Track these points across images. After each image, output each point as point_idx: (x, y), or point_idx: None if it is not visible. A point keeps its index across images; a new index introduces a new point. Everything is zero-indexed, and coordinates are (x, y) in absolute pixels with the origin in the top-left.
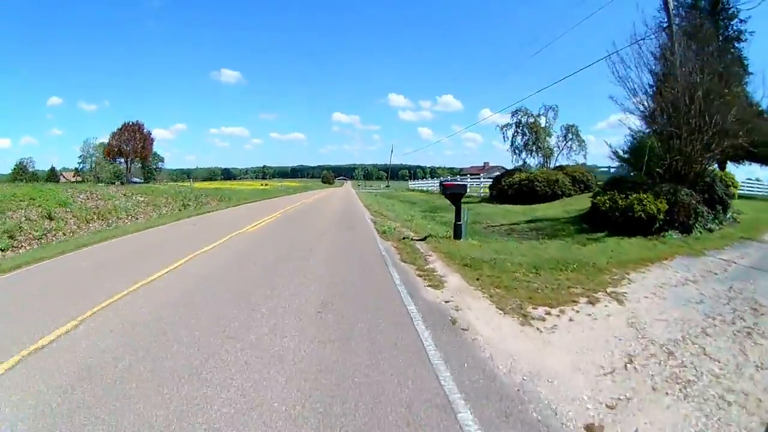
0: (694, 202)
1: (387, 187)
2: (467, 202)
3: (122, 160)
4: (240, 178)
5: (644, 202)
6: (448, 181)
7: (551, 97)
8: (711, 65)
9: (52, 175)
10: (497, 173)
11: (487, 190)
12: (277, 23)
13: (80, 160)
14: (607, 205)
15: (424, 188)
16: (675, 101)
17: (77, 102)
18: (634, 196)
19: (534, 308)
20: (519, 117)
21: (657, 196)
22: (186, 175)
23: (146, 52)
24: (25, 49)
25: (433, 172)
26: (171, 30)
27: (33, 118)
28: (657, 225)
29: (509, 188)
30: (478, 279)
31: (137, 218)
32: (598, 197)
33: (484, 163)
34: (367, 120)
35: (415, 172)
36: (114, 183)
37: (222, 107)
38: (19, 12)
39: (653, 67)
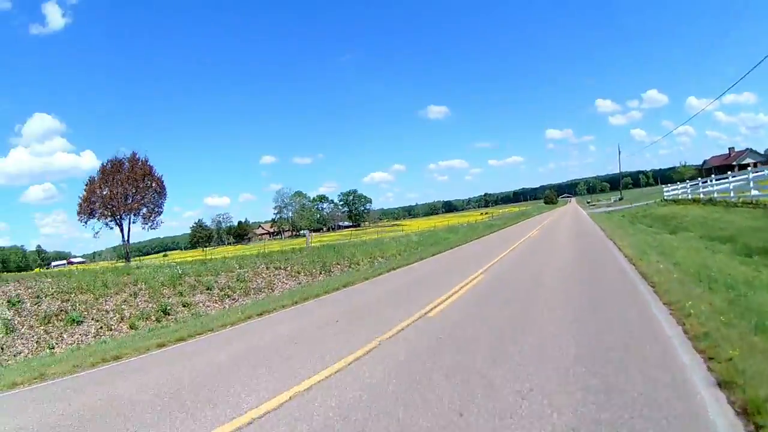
0: None
1: (620, 199)
2: None
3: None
4: (462, 210)
5: None
6: None
7: None
8: None
9: (240, 231)
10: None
11: None
12: (476, 52)
13: (276, 211)
14: None
15: (708, 193)
16: None
17: (291, 157)
18: None
19: None
20: None
21: None
22: (407, 212)
23: (352, 103)
24: (237, 115)
25: (662, 176)
26: (371, 82)
27: (250, 176)
28: None
29: None
30: None
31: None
32: None
33: (730, 149)
34: (579, 132)
35: (638, 179)
36: (320, 230)
37: (435, 142)
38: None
39: None
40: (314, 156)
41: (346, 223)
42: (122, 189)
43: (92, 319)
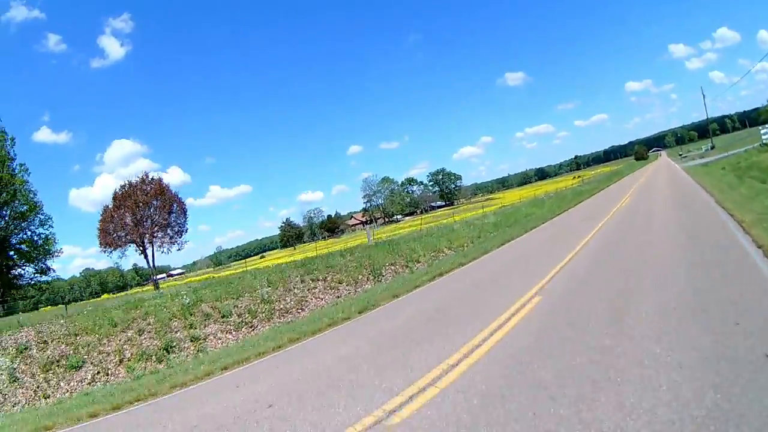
0: None
1: (712, 148)
2: None
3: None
4: (554, 175)
5: None
6: None
7: None
8: None
9: (331, 225)
10: None
11: None
12: (545, 14)
13: (365, 200)
14: None
15: None
16: None
17: (377, 144)
18: None
19: None
20: None
21: None
22: (501, 184)
23: (428, 83)
24: (321, 112)
25: (748, 118)
26: (441, 59)
27: (340, 167)
28: None
29: None
30: None
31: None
32: None
33: None
34: (659, 81)
35: (724, 124)
36: (413, 213)
37: (518, 110)
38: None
39: None
40: (400, 140)
41: (440, 203)
42: (138, 212)
43: (91, 363)
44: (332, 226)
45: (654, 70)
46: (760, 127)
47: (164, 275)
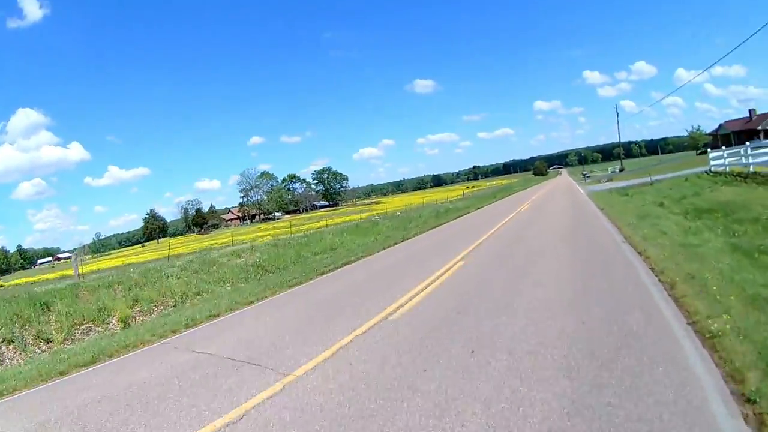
0: None
1: (621, 170)
2: None
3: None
4: (451, 183)
5: None
6: None
7: None
8: None
9: (199, 219)
10: None
11: None
12: (462, 25)
13: (242, 195)
14: None
15: None
16: None
17: (279, 137)
18: None
19: None
20: None
21: None
22: (396, 187)
23: (338, 81)
24: (224, 99)
25: (653, 146)
26: (358, 57)
27: (239, 158)
28: None
29: None
30: None
31: None
32: None
33: (750, 111)
34: (568, 103)
35: (630, 149)
36: (294, 212)
37: (424, 116)
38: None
39: None
40: (302, 134)
41: (323, 203)
42: None
43: None
44: (201, 221)
45: (565, 92)
46: (711, 152)
47: (50, 258)
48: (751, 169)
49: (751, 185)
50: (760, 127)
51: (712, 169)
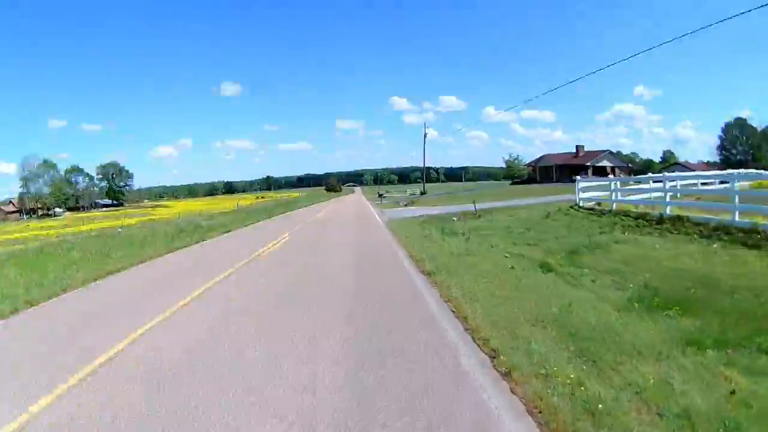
0: None
1: (423, 194)
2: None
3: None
4: (243, 191)
5: None
6: None
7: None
8: None
9: None
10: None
11: None
12: (275, 33)
13: (21, 185)
14: None
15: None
16: None
17: (81, 123)
18: None
19: None
20: None
21: None
22: (188, 191)
23: (143, 73)
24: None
25: (453, 174)
26: (168, 47)
27: (37, 141)
28: None
29: None
30: None
31: None
32: None
33: (578, 147)
34: (371, 125)
35: (429, 174)
36: (78, 209)
37: (226, 121)
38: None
39: None
40: (104, 123)
41: (106, 201)
42: None
43: None
44: None
45: (369, 114)
46: (580, 179)
47: None
48: (668, 210)
49: (694, 237)
50: (589, 163)
51: (580, 203)
